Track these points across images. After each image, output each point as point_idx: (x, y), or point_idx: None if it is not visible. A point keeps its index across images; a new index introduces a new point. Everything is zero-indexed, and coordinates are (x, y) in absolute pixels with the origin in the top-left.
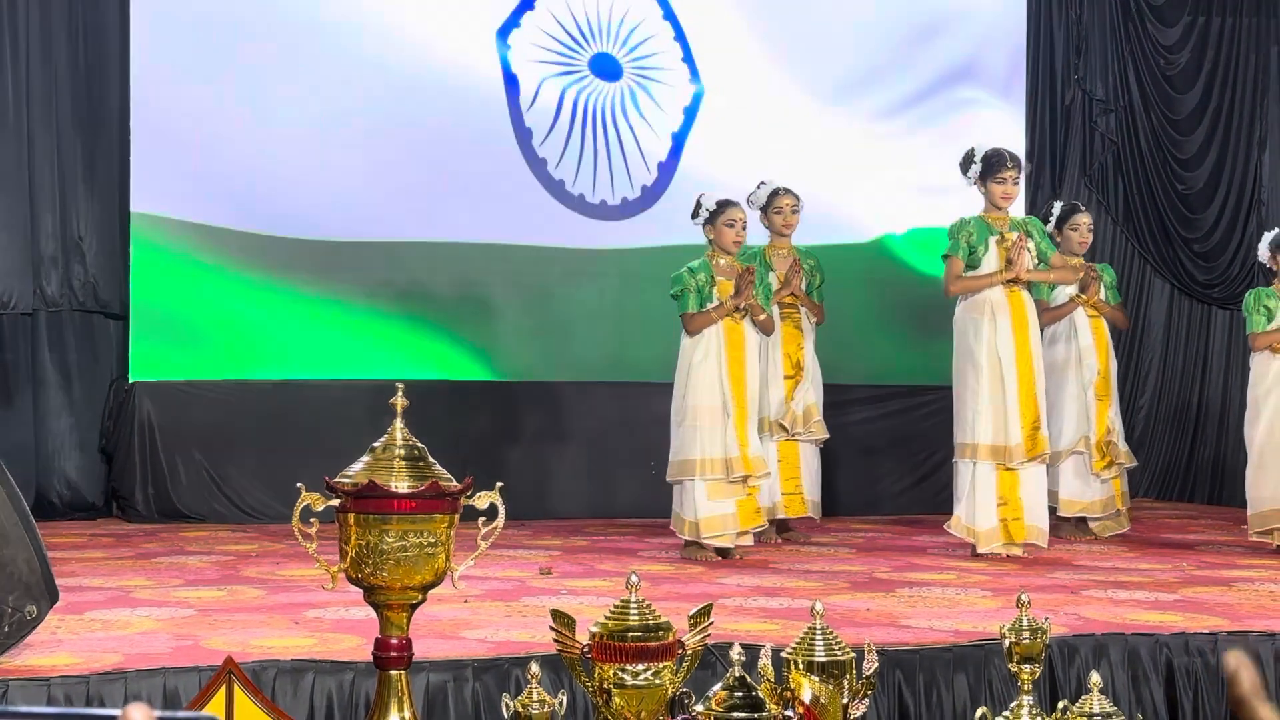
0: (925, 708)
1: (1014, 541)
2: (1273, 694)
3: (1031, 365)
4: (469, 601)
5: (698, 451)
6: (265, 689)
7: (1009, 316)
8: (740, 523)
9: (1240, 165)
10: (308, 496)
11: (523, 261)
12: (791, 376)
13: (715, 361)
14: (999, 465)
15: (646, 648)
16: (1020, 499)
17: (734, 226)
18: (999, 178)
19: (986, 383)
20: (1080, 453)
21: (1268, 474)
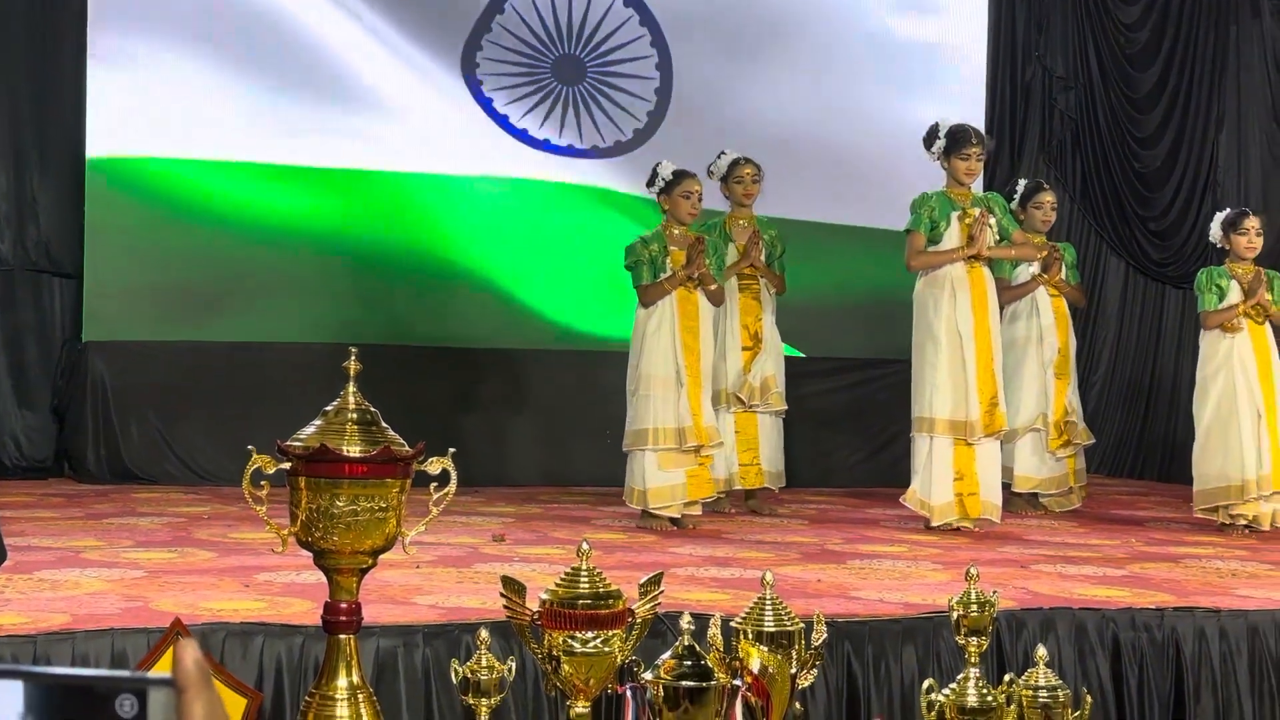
0: (874, 679)
1: (968, 516)
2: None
3: (990, 342)
4: (421, 567)
5: (651, 421)
6: (214, 651)
7: (969, 293)
8: (689, 493)
9: (1197, 145)
10: (258, 459)
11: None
12: (749, 348)
13: (669, 331)
14: (956, 440)
15: (596, 615)
16: (976, 474)
17: (690, 198)
18: (963, 154)
19: (945, 358)
20: (1038, 430)
21: (1214, 452)
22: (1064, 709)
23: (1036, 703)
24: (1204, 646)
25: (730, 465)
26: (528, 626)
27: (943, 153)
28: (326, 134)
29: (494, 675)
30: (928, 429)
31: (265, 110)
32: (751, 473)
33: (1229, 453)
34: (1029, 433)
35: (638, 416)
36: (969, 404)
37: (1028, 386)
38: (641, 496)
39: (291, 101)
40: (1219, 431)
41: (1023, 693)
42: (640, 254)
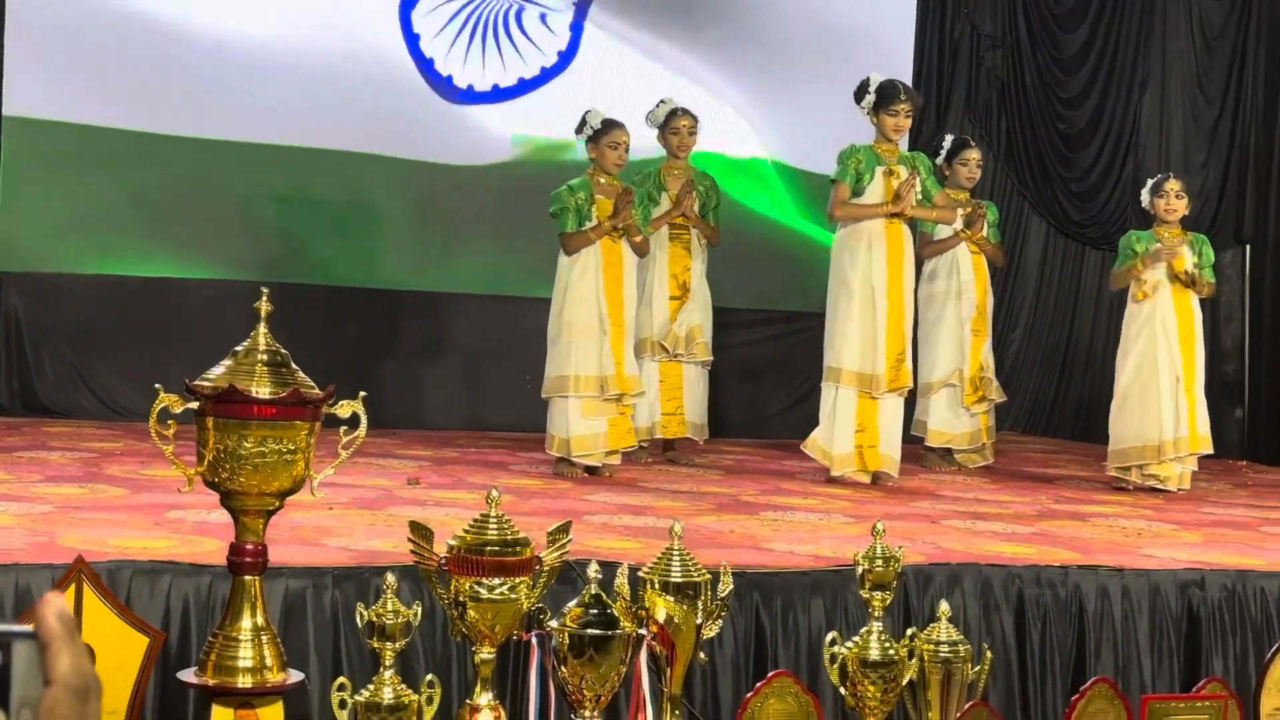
0: (781, 630)
1: (866, 469)
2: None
3: (902, 298)
4: (334, 509)
5: (572, 368)
6: (121, 589)
7: (885, 248)
8: (610, 442)
9: (1120, 107)
10: (166, 398)
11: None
12: (677, 297)
13: (592, 279)
14: (861, 393)
15: (503, 563)
16: (878, 428)
17: (617, 149)
18: (891, 110)
19: (857, 310)
20: (953, 385)
21: (1130, 412)
22: (965, 663)
23: (938, 657)
24: (1106, 604)
25: (653, 414)
26: (435, 572)
27: (871, 108)
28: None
29: (399, 620)
30: (835, 378)
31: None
32: (674, 422)
33: (1146, 414)
34: (944, 388)
35: (559, 364)
36: (876, 358)
37: (945, 342)
38: (564, 444)
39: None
40: (1137, 393)
41: (924, 647)
42: (566, 201)
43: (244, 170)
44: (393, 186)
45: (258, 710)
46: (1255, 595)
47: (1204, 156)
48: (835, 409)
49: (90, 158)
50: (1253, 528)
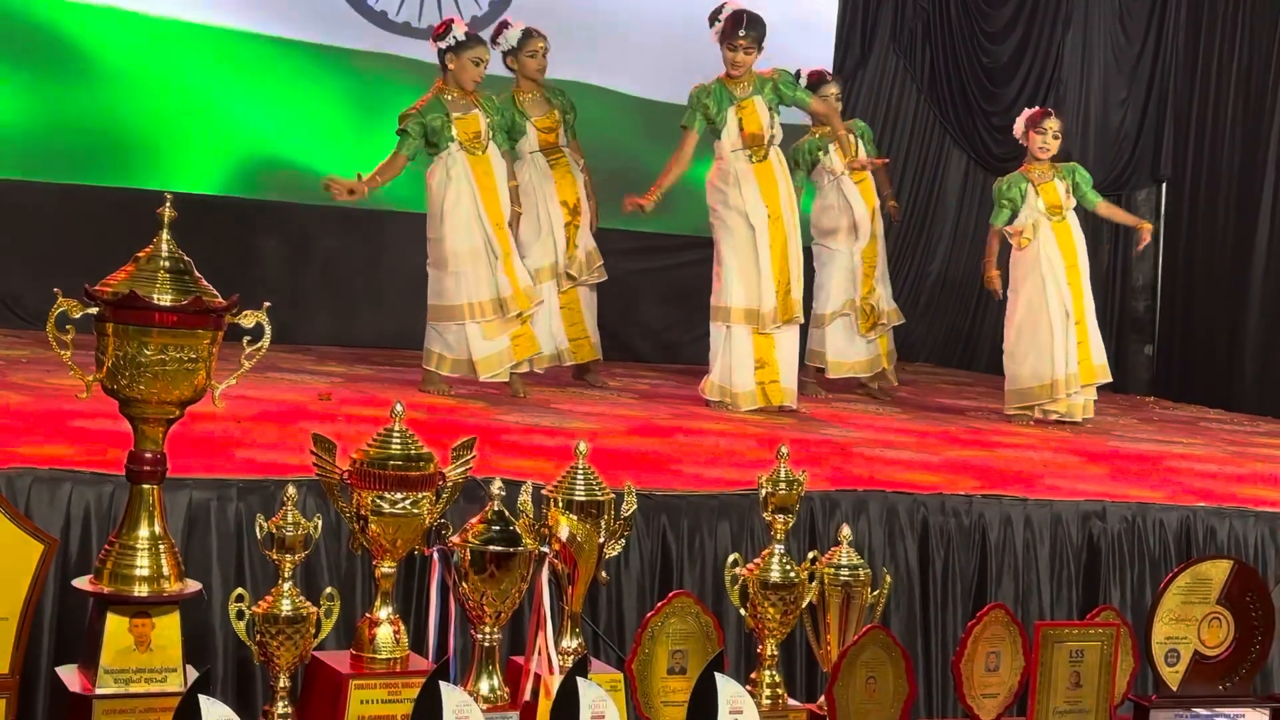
0: (688, 552)
1: (770, 403)
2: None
3: (783, 230)
4: (242, 422)
5: (465, 296)
6: (20, 497)
7: (755, 184)
8: (515, 354)
9: (1044, 43)
10: (64, 303)
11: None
12: (570, 222)
13: (470, 202)
14: (753, 329)
15: (406, 477)
16: (776, 360)
17: (479, 65)
18: (732, 43)
19: (739, 249)
20: (846, 315)
21: (1024, 352)
22: (864, 587)
23: (838, 580)
24: (1009, 533)
25: (558, 341)
26: (337, 485)
27: (719, 37)
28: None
29: (299, 532)
30: (724, 318)
31: None
32: (584, 347)
33: (1039, 352)
34: (838, 318)
35: (447, 292)
36: (762, 293)
37: (837, 275)
38: (470, 366)
39: None
40: (1029, 332)
41: (825, 570)
42: (409, 126)
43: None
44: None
45: (154, 619)
46: (1154, 528)
47: (1124, 94)
48: (730, 348)
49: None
50: (1156, 461)
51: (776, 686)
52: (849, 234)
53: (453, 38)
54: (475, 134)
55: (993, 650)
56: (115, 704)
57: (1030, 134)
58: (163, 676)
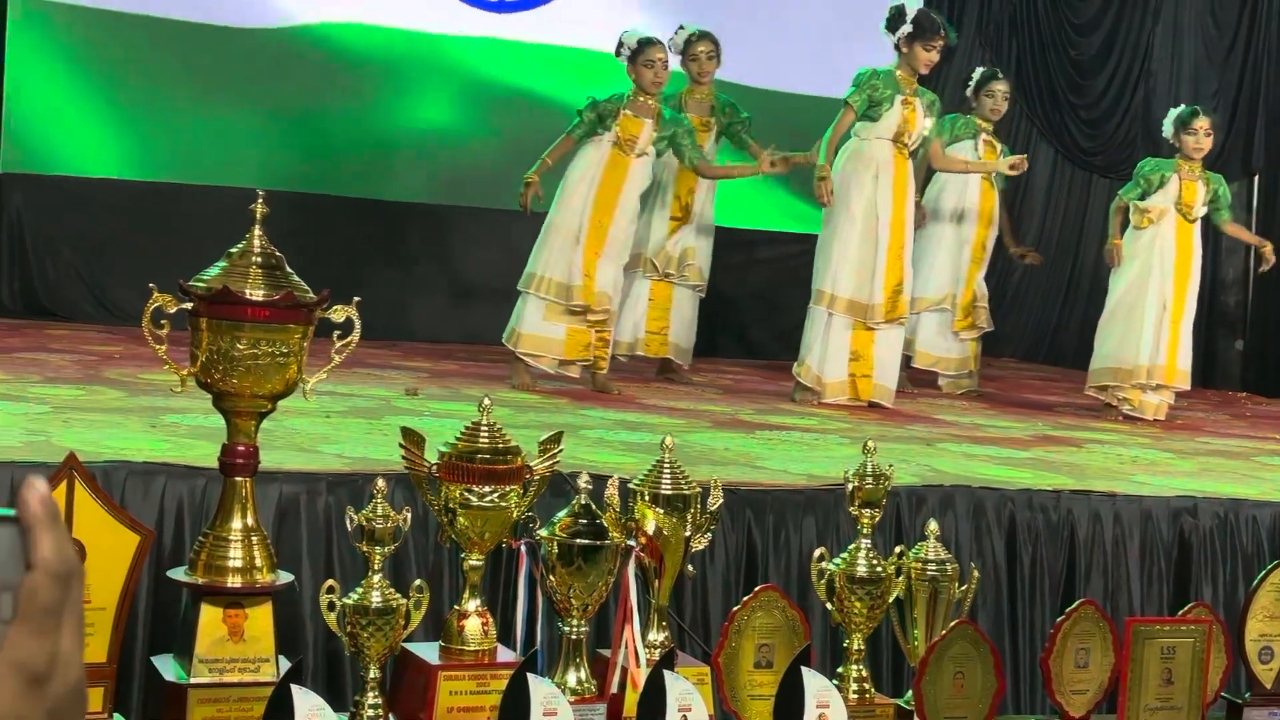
0: (773, 547)
1: (859, 398)
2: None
3: (904, 229)
4: (330, 417)
5: (540, 268)
6: (115, 490)
7: (892, 176)
8: (565, 351)
9: (1133, 35)
10: (159, 298)
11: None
12: (677, 218)
13: (586, 187)
14: (856, 321)
15: (494, 470)
16: (874, 357)
17: (653, 67)
18: (929, 44)
19: (858, 237)
20: (945, 310)
21: (1113, 330)
22: (951, 582)
23: (925, 575)
24: (1098, 529)
25: (637, 330)
26: (426, 478)
27: (906, 38)
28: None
29: (389, 524)
30: (828, 304)
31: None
32: (656, 341)
33: (1128, 335)
34: (936, 311)
35: (532, 259)
36: (874, 287)
37: (940, 263)
38: (516, 337)
39: None
40: (1123, 314)
41: (911, 565)
42: (584, 113)
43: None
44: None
45: (246, 610)
46: (1247, 524)
47: (1214, 86)
48: (828, 335)
49: (97, 50)
50: (1247, 458)
51: (863, 681)
52: (959, 225)
53: (626, 49)
54: (633, 137)
55: (1082, 646)
56: (210, 693)
57: (1181, 136)
58: (256, 666)
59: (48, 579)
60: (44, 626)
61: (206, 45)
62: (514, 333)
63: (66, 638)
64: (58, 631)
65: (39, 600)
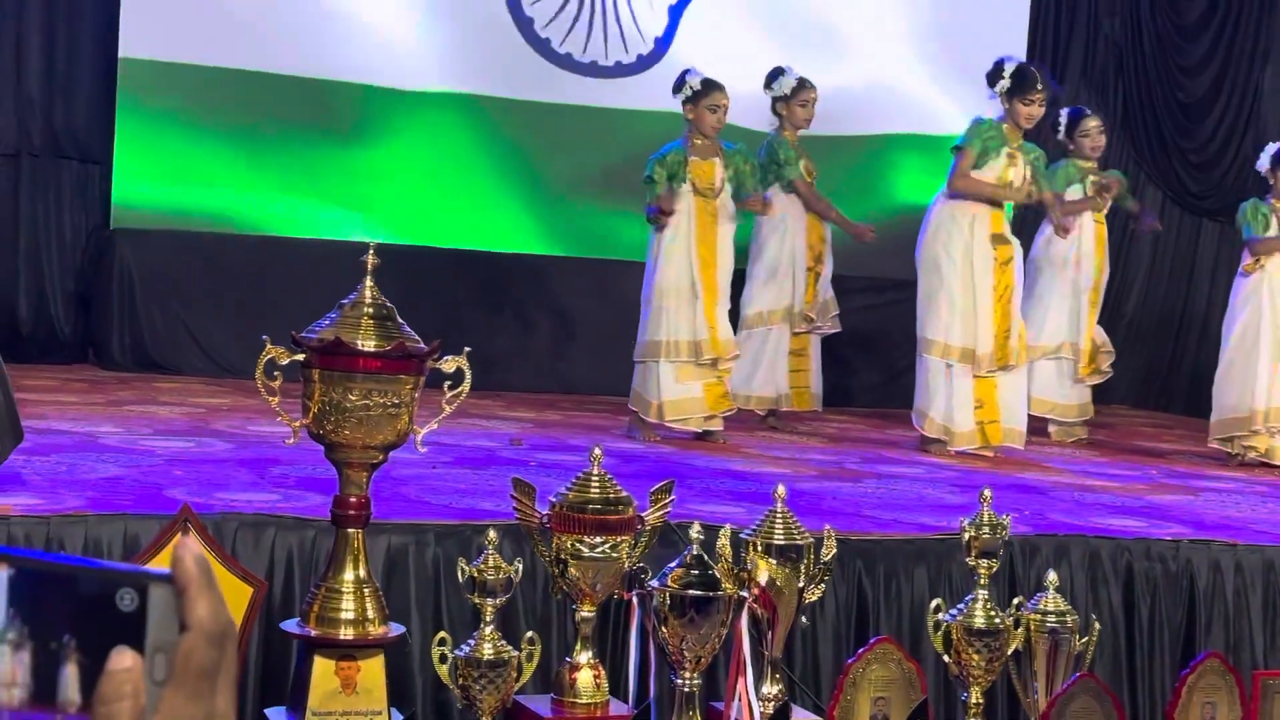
0: (884, 597)
1: (989, 444)
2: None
3: (1012, 275)
4: (437, 468)
5: (664, 333)
6: (226, 541)
7: (989, 226)
8: (708, 406)
9: (1242, 77)
10: (272, 350)
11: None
12: (812, 269)
13: (684, 244)
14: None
15: (605, 521)
16: (997, 402)
17: (716, 112)
18: (1028, 98)
19: (959, 285)
20: (1065, 357)
21: (1232, 380)
22: (1072, 634)
23: (1045, 627)
24: (1218, 579)
25: (779, 385)
26: (537, 529)
27: (1006, 93)
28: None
29: (500, 576)
30: (941, 353)
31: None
32: (806, 395)
33: (1246, 383)
34: (1052, 358)
35: (651, 328)
36: (979, 334)
37: (1055, 310)
38: (658, 409)
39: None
40: (1240, 362)
41: (1031, 617)
42: (655, 172)
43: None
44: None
45: (359, 662)
46: None
47: None
48: (951, 384)
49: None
50: None
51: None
52: (1075, 271)
53: (689, 89)
54: (710, 180)
55: (1208, 700)
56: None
57: (1276, 171)
58: (368, 719)
59: (203, 640)
60: (199, 689)
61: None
62: (652, 405)
63: (221, 699)
64: (212, 694)
65: (194, 662)
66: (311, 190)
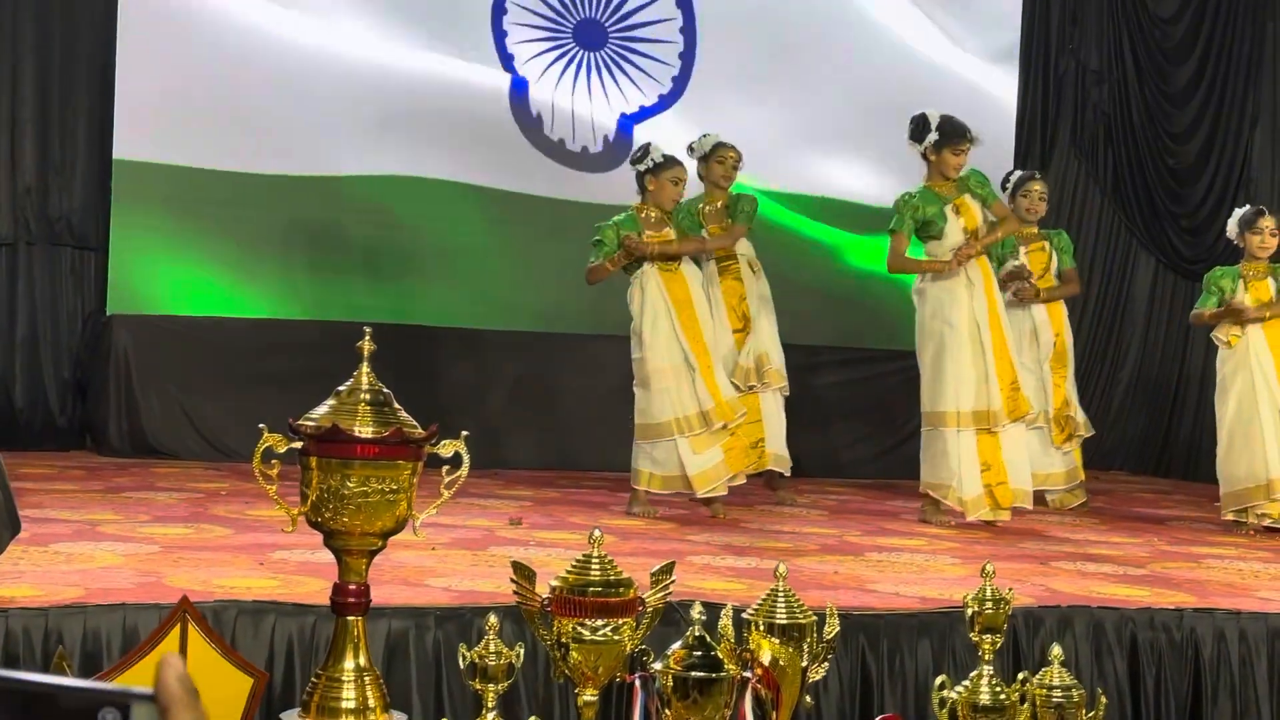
0: (888, 672)
1: (1000, 506)
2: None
3: (1003, 327)
4: (436, 549)
5: (671, 412)
6: (225, 629)
7: (982, 282)
8: (730, 467)
9: (1231, 142)
10: (270, 438)
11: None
12: (739, 329)
13: (666, 319)
14: (979, 430)
15: (607, 603)
16: (1003, 462)
17: (679, 185)
18: (957, 148)
19: (968, 349)
20: (1040, 427)
21: (1238, 453)
22: (1078, 709)
23: (1051, 702)
24: (1223, 648)
25: None
26: (537, 613)
27: (934, 145)
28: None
29: (501, 661)
30: (949, 422)
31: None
32: (763, 454)
33: (1253, 453)
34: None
35: (655, 410)
36: (991, 393)
37: (1024, 381)
38: (685, 483)
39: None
40: (1242, 432)
41: (1036, 691)
42: (604, 234)
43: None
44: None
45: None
46: None
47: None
48: (959, 453)
49: (196, 200)
50: None
51: None
52: (1032, 343)
53: (650, 160)
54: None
55: None
56: None
57: (1246, 235)
58: None
59: None
60: None
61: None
62: (685, 479)
63: None
64: None
65: None
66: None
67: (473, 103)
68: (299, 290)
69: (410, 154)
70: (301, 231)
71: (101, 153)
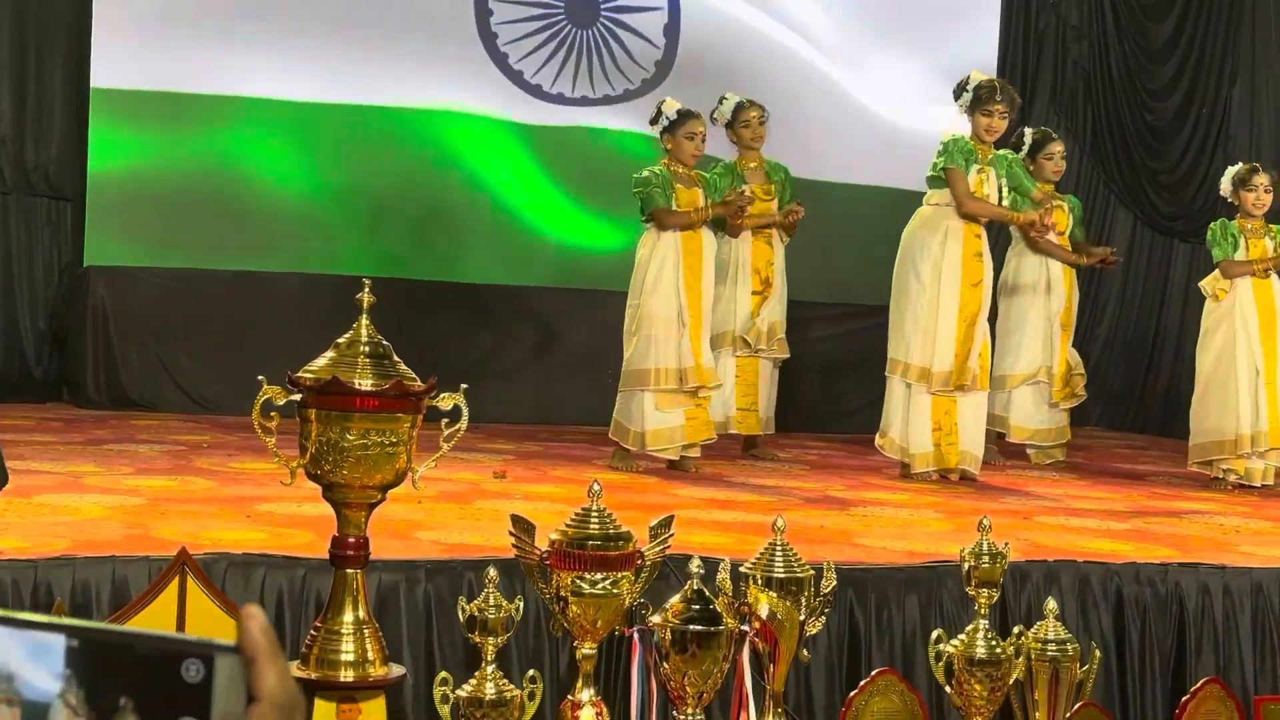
0: (875, 627)
1: (947, 466)
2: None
3: (976, 295)
4: (422, 502)
5: (653, 361)
6: (216, 581)
7: (960, 244)
8: (688, 435)
9: (1209, 98)
10: (269, 390)
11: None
12: (759, 292)
13: (672, 270)
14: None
15: (606, 557)
16: (956, 423)
17: (694, 139)
18: (986, 109)
19: (925, 305)
20: (1039, 382)
21: (1210, 405)
22: (1073, 662)
23: (1045, 655)
24: (1207, 602)
25: (728, 409)
26: (536, 566)
27: (967, 107)
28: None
29: (501, 614)
30: (902, 372)
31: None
32: (750, 419)
33: (1225, 407)
34: (1029, 384)
35: (638, 356)
36: (937, 353)
37: (1030, 337)
38: (639, 438)
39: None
40: (1218, 385)
41: (1031, 645)
42: (651, 182)
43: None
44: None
45: (360, 704)
46: None
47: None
48: (910, 406)
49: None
50: None
51: None
52: (1045, 297)
53: (665, 119)
54: (696, 208)
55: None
56: None
57: (1240, 192)
58: None
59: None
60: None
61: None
62: (635, 434)
63: None
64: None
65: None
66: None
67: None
68: (276, 245)
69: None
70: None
71: (79, 84)
